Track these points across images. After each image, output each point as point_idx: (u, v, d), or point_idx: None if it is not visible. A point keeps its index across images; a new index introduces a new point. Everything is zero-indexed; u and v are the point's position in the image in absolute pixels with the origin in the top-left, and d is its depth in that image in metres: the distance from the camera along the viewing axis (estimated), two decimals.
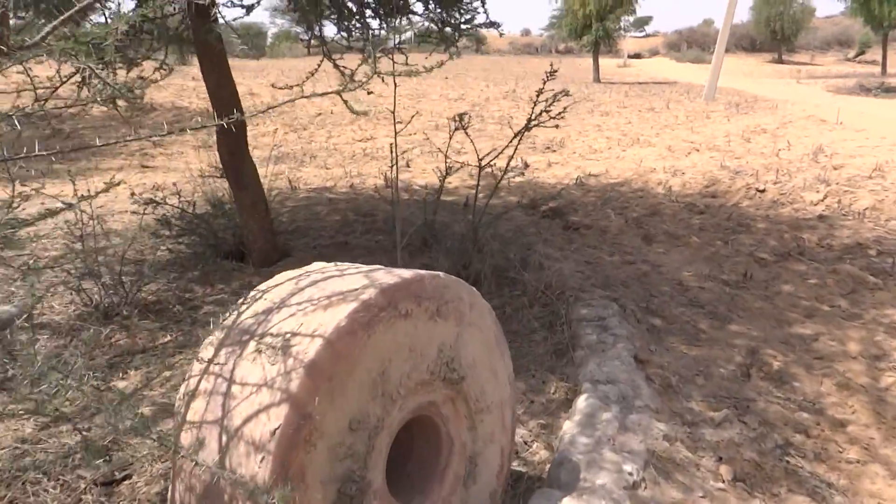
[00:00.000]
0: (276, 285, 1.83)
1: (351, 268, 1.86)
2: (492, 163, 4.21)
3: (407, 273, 1.76)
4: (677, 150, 9.21)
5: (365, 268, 1.88)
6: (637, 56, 51.84)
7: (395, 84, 3.29)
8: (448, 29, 4.80)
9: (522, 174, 8.23)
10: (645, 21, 72.57)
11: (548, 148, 9.74)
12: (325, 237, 4.96)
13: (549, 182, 7.62)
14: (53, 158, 8.82)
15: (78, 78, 3.70)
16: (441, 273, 1.83)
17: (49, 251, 4.53)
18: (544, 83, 3.80)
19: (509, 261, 4.27)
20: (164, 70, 4.19)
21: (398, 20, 4.91)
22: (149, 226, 4.53)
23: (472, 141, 4.66)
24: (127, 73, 3.84)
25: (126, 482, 2.22)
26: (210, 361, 1.68)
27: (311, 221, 5.46)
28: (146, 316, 3.53)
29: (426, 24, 4.91)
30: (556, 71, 3.74)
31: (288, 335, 1.59)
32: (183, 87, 15.95)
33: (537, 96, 3.86)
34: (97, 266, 3.60)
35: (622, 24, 33.54)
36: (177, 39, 3.94)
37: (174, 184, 5.94)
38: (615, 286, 4.03)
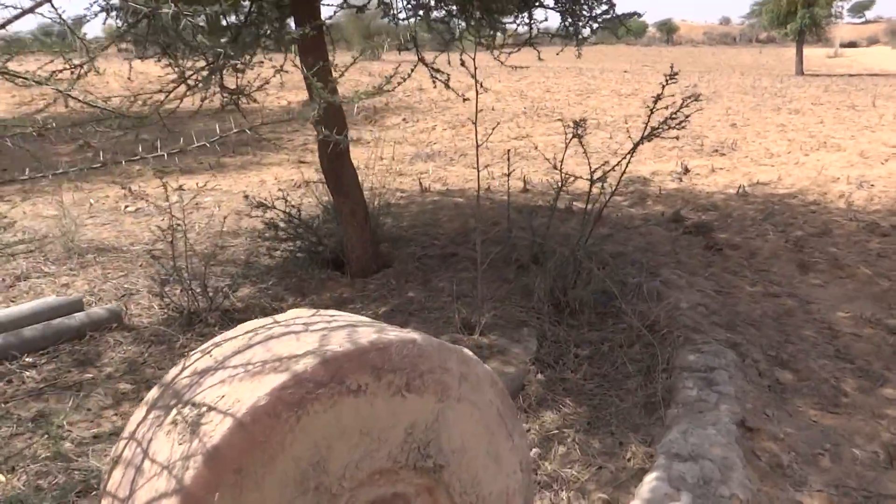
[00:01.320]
0: (232, 338, 1.59)
1: (321, 321, 1.58)
2: (605, 177, 3.71)
3: (367, 338, 1.44)
4: (872, 157, 7.98)
5: (343, 321, 1.59)
6: (851, 45, 46.88)
7: (477, 85, 2.96)
8: (575, 21, 4.37)
9: (680, 180, 7.54)
10: (865, 6, 65.60)
11: (716, 151, 8.85)
12: (436, 246, 4.72)
13: (707, 190, 6.87)
14: (220, 151, 9.33)
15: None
16: (419, 337, 1.50)
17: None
18: (663, 87, 3.28)
19: (626, 286, 3.79)
20: (279, 74, 4.17)
21: (527, 14, 4.55)
22: (257, 229, 4.54)
23: (585, 152, 4.14)
24: (217, 75, 3.81)
25: None
26: (139, 424, 1.48)
27: (429, 227, 5.25)
28: (228, 325, 3.47)
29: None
30: (677, 73, 3.21)
31: (205, 408, 1.34)
32: (357, 84, 16.47)
33: (655, 102, 3.34)
34: (189, 269, 3.60)
35: (834, 10, 30.30)
36: (270, 41, 3.86)
37: (280, 189, 5.98)
38: (743, 326, 3.42)
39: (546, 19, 5.36)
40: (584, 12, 4.30)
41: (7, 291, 4.00)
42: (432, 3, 4.12)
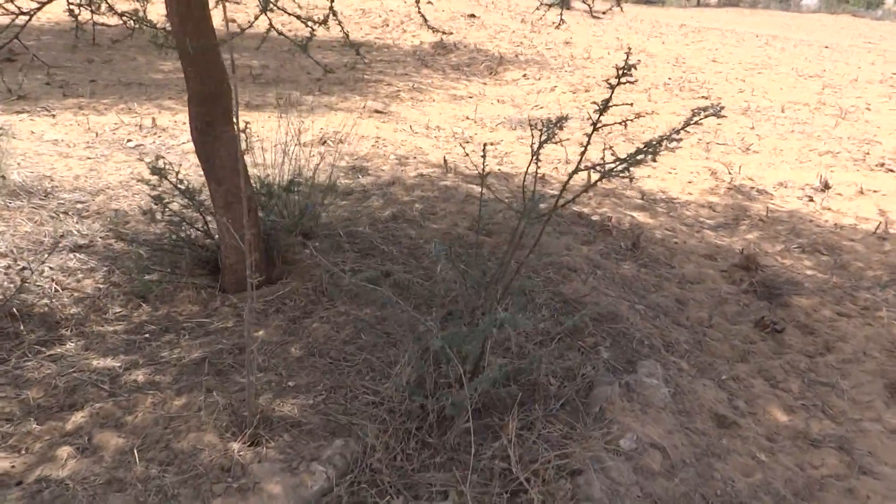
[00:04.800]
0: None
1: None
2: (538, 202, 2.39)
3: None
4: None
5: None
6: None
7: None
8: None
9: (811, 199, 5.71)
10: None
11: (881, 164, 6.74)
12: (386, 255, 3.54)
13: (835, 221, 5.07)
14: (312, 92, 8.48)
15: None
16: None
17: None
18: (612, 89, 1.88)
19: (566, 384, 2.46)
20: None
21: None
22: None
23: (537, 157, 2.69)
24: None
25: None
26: None
27: (407, 224, 4.06)
28: None
29: None
30: (633, 66, 1.79)
31: None
32: (501, 29, 15.07)
33: (602, 112, 1.95)
34: None
35: None
36: None
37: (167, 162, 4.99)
38: None
39: None
40: None
41: None
42: None
